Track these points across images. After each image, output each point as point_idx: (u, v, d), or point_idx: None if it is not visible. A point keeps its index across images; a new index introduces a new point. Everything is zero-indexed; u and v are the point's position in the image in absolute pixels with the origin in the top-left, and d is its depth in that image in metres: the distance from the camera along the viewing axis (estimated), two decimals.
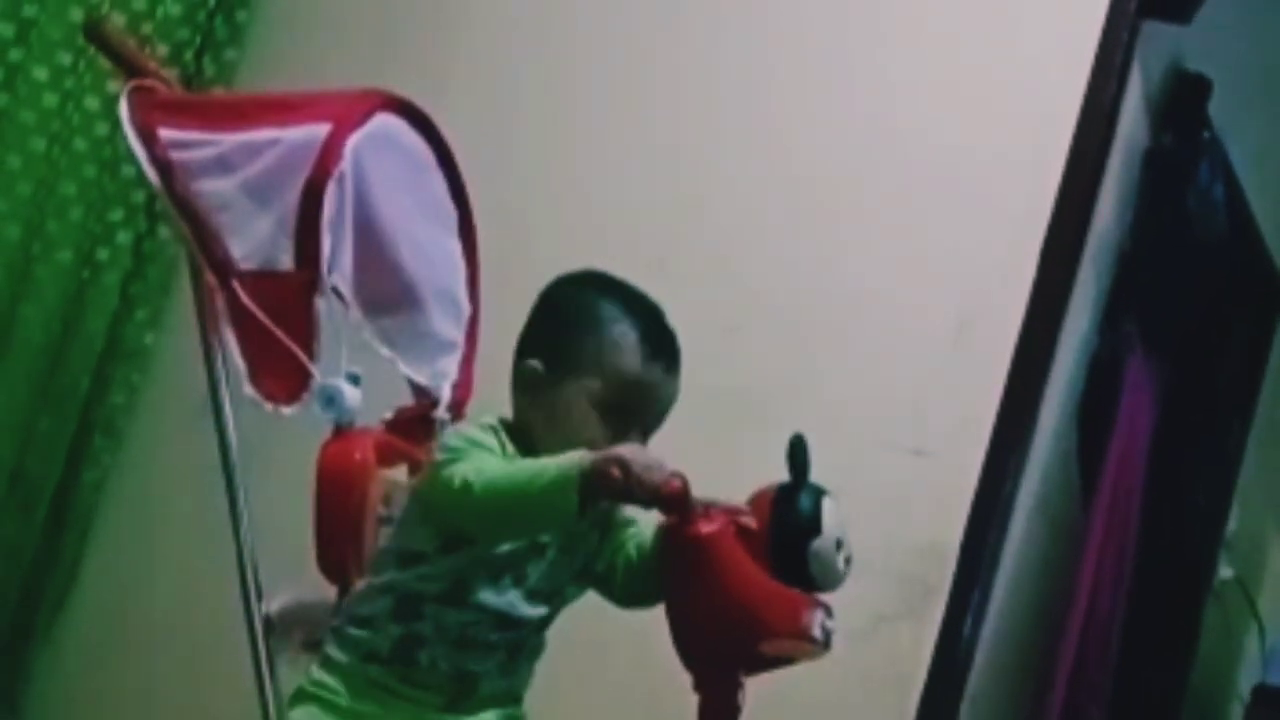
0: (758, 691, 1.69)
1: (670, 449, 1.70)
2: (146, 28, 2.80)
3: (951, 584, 2.46)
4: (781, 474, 1.74)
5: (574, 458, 1.65)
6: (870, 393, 2.55)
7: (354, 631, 1.77)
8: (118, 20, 2.75)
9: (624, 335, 1.80)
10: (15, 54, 2.77)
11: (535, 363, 1.78)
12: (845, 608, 1.67)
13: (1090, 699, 2.88)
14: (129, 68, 2.07)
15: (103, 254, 2.85)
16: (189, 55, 2.83)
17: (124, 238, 2.86)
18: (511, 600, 1.76)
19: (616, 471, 1.62)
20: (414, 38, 2.85)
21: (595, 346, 1.79)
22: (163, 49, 2.77)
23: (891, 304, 2.57)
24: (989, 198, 2.54)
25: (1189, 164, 2.89)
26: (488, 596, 1.75)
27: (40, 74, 2.77)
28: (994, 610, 2.55)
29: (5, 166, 2.77)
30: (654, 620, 1.84)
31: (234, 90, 2.84)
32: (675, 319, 2.64)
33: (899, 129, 2.61)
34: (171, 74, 2.19)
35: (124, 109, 1.96)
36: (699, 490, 1.67)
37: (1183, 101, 2.89)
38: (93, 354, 2.85)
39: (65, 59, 2.78)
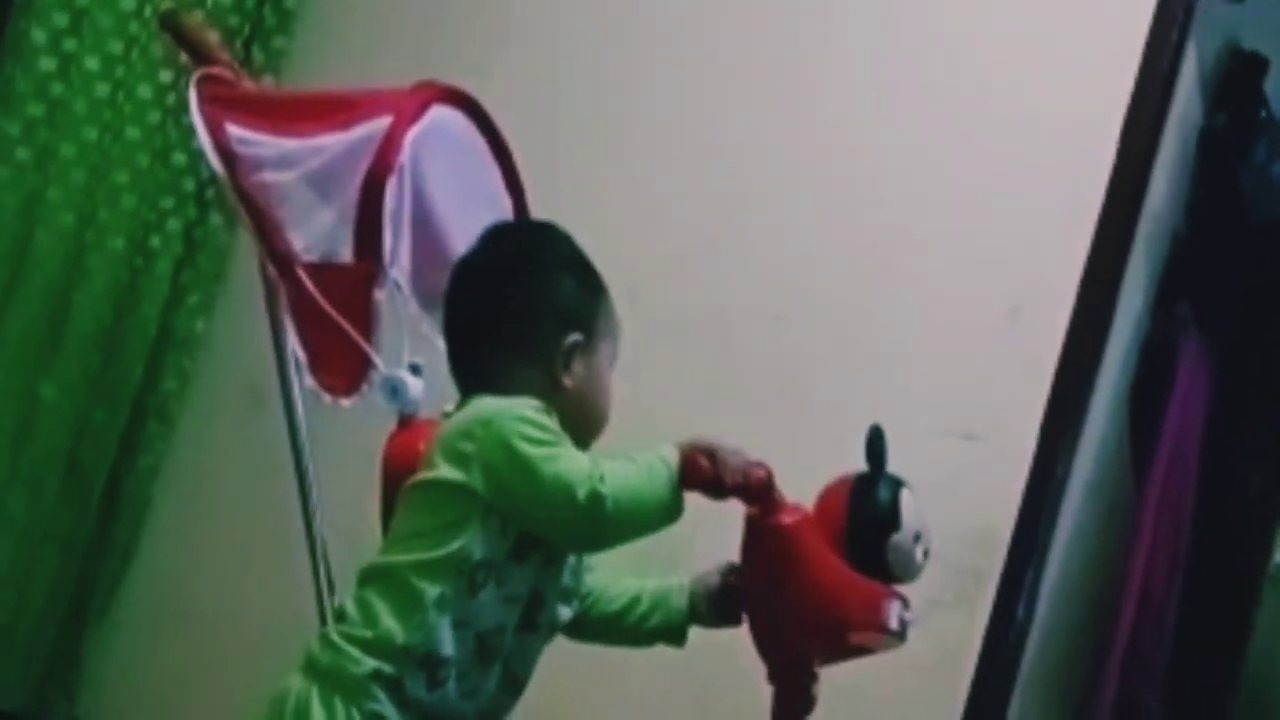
0: None
1: (720, 436, 1.70)
2: (197, 15, 2.81)
3: (1003, 569, 2.44)
4: (831, 460, 1.73)
5: (661, 451, 1.59)
6: (920, 377, 2.53)
7: (415, 688, 1.56)
8: (168, 7, 2.77)
9: (604, 282, 1.77)
10: (69, 43, 2.79)
11: (577, 336, 1.70)
12: None
13: (1144, 684, 2.86)
14: (200, 57, 2.08)
15: (155, 241, 2.87)
16: (238, 43, 2.84)
17: (175, 225, 2.88)
18: (564, 613, 1.70)
19: (705, 461, 1.58)
20: (460, 26, 2.85)
21: (606, 303, 1.75)
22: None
23: (942, 287, 2.55)
24: (1041, 179, 2.52)
25: (1245, 143, 2.85)
26: (559, 612, 1.67)
27: (92, 63, 2.79)
28: (1046, 595, 2.53)
29: (60, 155, 2.80)
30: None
31: (281, 78, 2.85)
32: (725, 305, 2.66)
33: (948, 110, 2.59)
34: (240, 64, 2.20)
35: (192, 97, 1.97)
36: None
37: (1238, 80, 2.85)
38: (145, 341, 2.88)
39: (117, 48, 2.80)
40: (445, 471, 1.60)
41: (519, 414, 1.59)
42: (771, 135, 2.67)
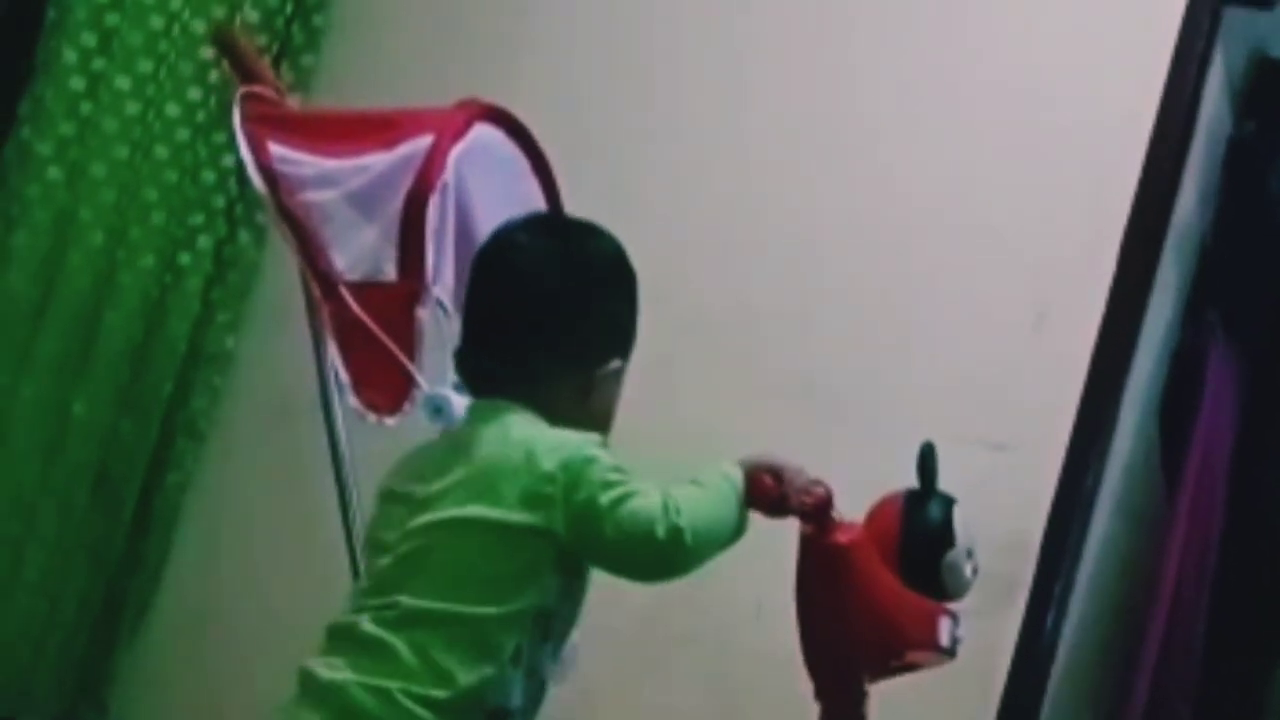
0: None
1: (744, 441, 1.70)
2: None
3: (1033, 579, 2.44)
4: (855, 465, 1.74)
5: (724, 469, 1.58)
6: (948, 385, 2.53)
7: None
8: (197, 27, 2.80)
9: None
10: (98, 63, 2.81)
11: (619, 361, 1.67)
12: None
13: (1176, 693, 2.84)
14: (247, 75, 2.09)
15: (184, 259, 2.89)
16: (266, 61, 2.86)
17: (205, 242, 2.90)
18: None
19: (770, 480, 1.58)
20: (485, 41, 2.86)
21: (635, 320, 1.72)
22: None
23: (969, 294, 2.55)
24: (1069, 186, 2.52)
25: (1272, 151, 2.85)
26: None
27: (123, 83, 2.81)
28: (1076, 605, 2.52)
29: (90, 174, 2.82)
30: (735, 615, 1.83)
31: (310, 96, 2.87)
32: (749, 311, 2.66)
33: (976, 117, 2.59)
34: (283, 84, 2.21)
35: (236, 116, 1.98)
36: None
37: (1266, 88, 2.85)
38: (175, 358, 2.89)
39: (146, 67, 2.82)
40: (521, 515, 1.54)
41: (589, 454, 1.55)
42: (796, 137, 2.67)
